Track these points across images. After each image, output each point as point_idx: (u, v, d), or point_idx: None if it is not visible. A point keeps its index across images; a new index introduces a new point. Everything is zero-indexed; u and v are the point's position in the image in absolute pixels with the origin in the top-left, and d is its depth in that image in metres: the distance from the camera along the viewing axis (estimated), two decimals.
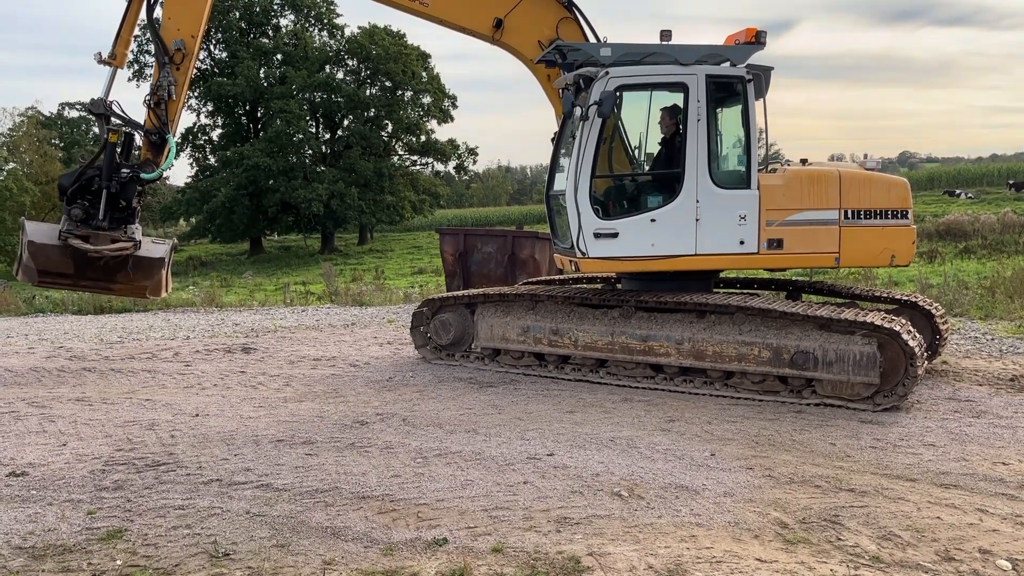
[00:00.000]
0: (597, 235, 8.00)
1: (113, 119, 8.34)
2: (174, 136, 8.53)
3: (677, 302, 8.06)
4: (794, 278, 10.98)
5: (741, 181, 8.13)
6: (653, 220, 8.05)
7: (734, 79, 8.12)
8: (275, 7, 50.17)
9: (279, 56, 49.52)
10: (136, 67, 49.27)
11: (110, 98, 8.33)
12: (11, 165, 46.63)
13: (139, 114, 8.58)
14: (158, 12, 8.53)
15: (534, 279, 11.60)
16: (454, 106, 53.10)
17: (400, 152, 53.21)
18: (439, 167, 55.45)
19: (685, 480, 5.50)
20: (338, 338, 11.99)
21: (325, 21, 51.75)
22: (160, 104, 8.36)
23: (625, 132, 9.02)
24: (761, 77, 8.22)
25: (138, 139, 8.60)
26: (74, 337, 12.73)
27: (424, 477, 5.60)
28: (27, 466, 5.96)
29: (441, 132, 55.07)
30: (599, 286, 9.92)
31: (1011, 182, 53.38)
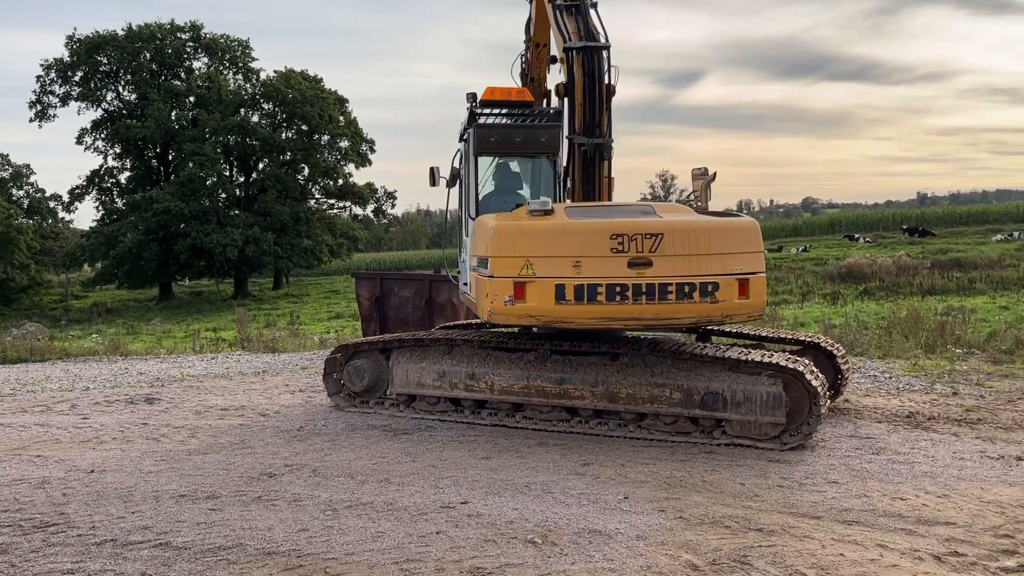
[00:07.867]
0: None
1: None
2: None
3: (591, 345, 8.14)
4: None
5: (466, 226, 8.97)
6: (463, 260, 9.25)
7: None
8: (188, 49, 49.38)
9: (191, 99, 48.59)
10: (39, 108, 47.99)
11: None
12: None
13: None
14: None
15: (451, 323, 11.55)
16: (372, 150, 53.06)
17: (317, 196, 52.63)
18: (357, 211, 55.10)
19: (599, 524, 5.50)
20: (248, 386, 11.63)
21: (240, 64, 51.17)
22: None
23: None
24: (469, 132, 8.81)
25: None
26: None
27: (333, 530, 5.43)
28: None
29: (359, 176, 54.70)
30: (515, 330, 9.93)
31: (905, 227, 56.85)
